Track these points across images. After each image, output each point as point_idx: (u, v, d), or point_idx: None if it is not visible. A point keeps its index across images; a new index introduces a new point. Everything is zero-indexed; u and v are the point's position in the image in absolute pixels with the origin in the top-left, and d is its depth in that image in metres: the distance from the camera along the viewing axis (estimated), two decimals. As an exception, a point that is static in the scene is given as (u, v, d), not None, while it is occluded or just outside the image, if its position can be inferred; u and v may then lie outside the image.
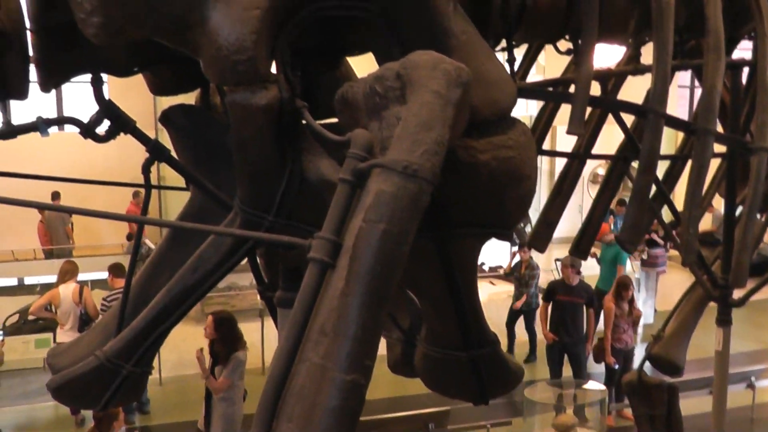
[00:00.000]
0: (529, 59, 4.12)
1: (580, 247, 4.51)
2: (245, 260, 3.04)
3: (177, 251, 2.91)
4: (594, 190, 15.13)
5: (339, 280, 1.80)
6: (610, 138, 4.45)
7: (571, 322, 9.64)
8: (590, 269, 11.58)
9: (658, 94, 2.96)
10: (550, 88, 3.49)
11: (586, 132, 4.09)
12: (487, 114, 2.37)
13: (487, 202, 2.43)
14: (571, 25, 3.23)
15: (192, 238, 2.84)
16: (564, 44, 3.39)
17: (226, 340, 7.04)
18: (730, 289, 4.42)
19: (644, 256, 12.96)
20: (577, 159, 4.23)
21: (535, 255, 11.14)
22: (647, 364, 5.72)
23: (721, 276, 4.36)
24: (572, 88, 3.04)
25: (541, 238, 4.33)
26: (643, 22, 3.31)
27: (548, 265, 14.69)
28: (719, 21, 3.11)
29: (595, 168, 17.12)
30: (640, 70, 3.40)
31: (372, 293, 1.78)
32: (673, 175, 4.62)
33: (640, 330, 11.63)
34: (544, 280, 12.43)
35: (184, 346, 9.85)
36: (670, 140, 9.60)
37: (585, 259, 4.41)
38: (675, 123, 3.33)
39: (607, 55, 4.89)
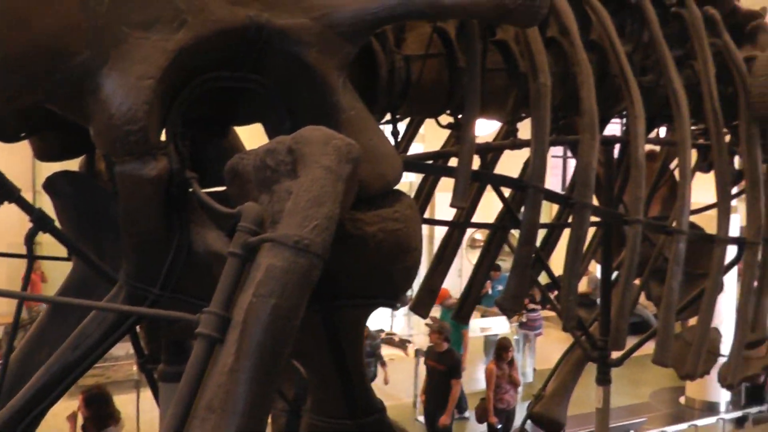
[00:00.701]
0: (412, 131, 4.25)
1: (462, 313, 4.61)
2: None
3: (57, 326, 2.80)
4: (472, 255, 15.38)
5: (228, 355, 1.79)
6: (489, 205, 4.60)
7: (436, 389, 9.88)
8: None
9: (537, 169, 3.11)
10: (431, 161, 3.61)
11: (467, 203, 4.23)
12: (375, 188, 2.43)
13: (374, 274, 2.46)
14: (453, 101, 3.36)
15: (73, 312, 2.74)
16: (445, 118, 3.51)
17: (96, 419, 6.79)
18: (608, 350, 4.61)
19: (523, 319, 13.38)
20: (457, 228, 4.34)
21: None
22: (529, 422, 5.87)
23: (599, 338, 4.55)
24: (453, 161, 3.16)
25: (424, 305, 4.41)
26: (521, 101, 3.48)
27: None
28: (593, 102, 3.30)
29: (473, 233, 17.50)
30: (518, 144, 3.55)
31: (261, 369, 1.77)
32: (550, 243, 4.82)
33: (520, 389, 11.91)
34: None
35: (54, 421, 9.36)
36: (545, 208, 9.99)
37: (466, 324, 4.50)
38: (554, 197, 3.51)
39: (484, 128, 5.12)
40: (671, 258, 3.61)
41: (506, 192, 3.75)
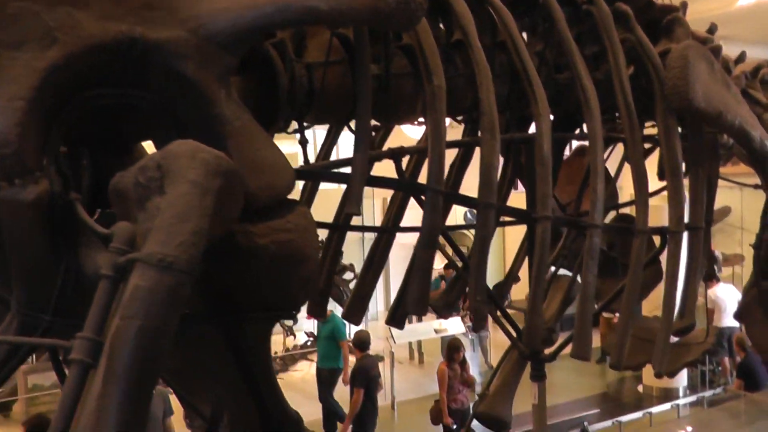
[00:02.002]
0: (331, 139, 4.22)
1: (396, 318, 4.55)
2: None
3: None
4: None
5: (98, 381, 1.75)
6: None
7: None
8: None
9: (434, 172, 3.10)
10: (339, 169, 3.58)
11: (395, 206, 4.18)
12: (265, 199, 2.40)
13: (270, 286, 2.44)
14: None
15: None
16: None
17: None
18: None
19: (468, 322, 13.45)
20: (386, 233, 4.30)
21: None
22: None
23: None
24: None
25: (355, 312, 4.36)
26: None
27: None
28: (492, 102, 3.29)
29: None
30: (423, 149, 3.52)
31: (130, 393, 1.74)
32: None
33: (478, 388, 11.96)
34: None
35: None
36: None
37: (401, 328, 4.46)
38: (456, 199, 3.50)
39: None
40: (585, 252, 3.62)
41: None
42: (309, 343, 14.23)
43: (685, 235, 4.20)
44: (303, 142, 3.31)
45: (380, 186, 3.32)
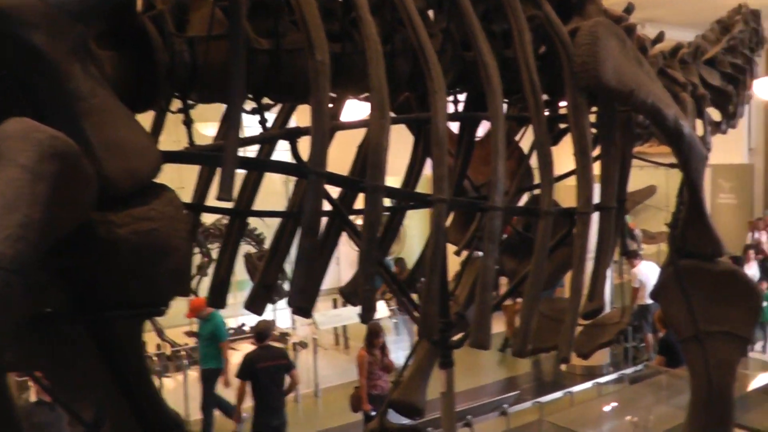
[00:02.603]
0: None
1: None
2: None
3: None
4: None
5: None
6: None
7: None
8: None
9: (317, 153, 2.90)
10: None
11: (300, 190, 3.97)
12: (126, 185, 2.18)
13: (134, 281, 2.23)
14: (252, 85, 3.14)
15: None
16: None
17: None
18: (447, 333, 4.49)
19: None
20: (290, 218, 4.07)
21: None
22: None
23: (440, 320, 4.41)
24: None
25: (258, 302, 4.13)
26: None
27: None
28: (381, 79, 3.09)
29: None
30: (297, 132, 3.33)
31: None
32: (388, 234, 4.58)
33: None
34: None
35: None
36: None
37: (308, 316, 4.25)
38: (340, 181, 3.29)
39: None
40: (485, 236, 3.47)
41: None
42: (232, 332, 13.92)
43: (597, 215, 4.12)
44: (188, 123, 3.09)
45: (259, 169, 3.11)
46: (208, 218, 11.90)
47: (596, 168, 4.20)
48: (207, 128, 8.13)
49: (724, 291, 5.18)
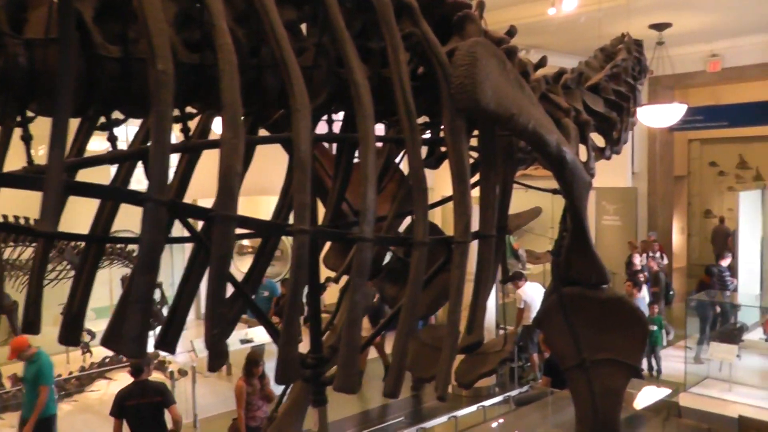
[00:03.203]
0: (85, 132, 3.59)
1: (167, 340, 3.94)
2: None
3: None
4: (240, 262, 14.54)
5: None
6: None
7: None
8: None
9: (156, 178, 2.57)
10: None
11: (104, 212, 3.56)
12: None
13: None
14: (97, 95, 2.80)
15: None
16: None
17: None
18: (319, 369, 4.20)
19: None
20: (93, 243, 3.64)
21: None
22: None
23: (310, 355, 4.12)
24: None
25: (69, 332, 3.63)
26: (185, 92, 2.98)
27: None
28: (235, 95, 2.79)
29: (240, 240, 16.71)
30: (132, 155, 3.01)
31: None
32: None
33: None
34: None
35: None
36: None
37: (173, 353, 3.84)
38: (184, 209, 2.93)
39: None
40: (353, 268, 3.19)
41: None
42: (108, 360, 13.16)
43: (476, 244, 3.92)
44: (26, 138, 2.73)
45: (87, 195, 2.72)
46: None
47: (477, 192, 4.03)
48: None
49: (610, 318, 5.11)
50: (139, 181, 3.04)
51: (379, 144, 4.76)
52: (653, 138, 20.99)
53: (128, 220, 3.94)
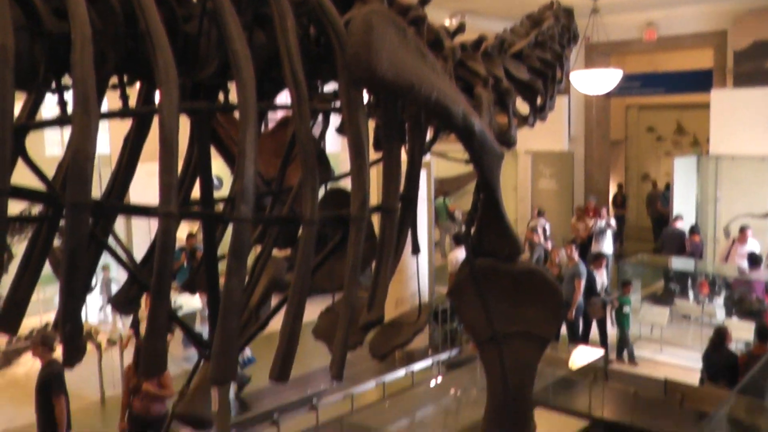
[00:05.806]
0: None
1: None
2: None
3: None
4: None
5: None
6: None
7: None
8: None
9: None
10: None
11: None
12: None
13: None
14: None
15: None
16: None
17: None
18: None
19: None
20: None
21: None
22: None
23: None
24: None
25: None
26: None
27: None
28: (86, 68, 2.56)
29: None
30: None
31: None
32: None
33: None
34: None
35: None
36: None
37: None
38: (29, 196, 2.71)
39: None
40: (230, 250, 2.98)
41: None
42: (34, 333, 12.74)
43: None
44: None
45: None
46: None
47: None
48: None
49: (523, 291, 5.05)
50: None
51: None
52: (590, 103, 21.10)
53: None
